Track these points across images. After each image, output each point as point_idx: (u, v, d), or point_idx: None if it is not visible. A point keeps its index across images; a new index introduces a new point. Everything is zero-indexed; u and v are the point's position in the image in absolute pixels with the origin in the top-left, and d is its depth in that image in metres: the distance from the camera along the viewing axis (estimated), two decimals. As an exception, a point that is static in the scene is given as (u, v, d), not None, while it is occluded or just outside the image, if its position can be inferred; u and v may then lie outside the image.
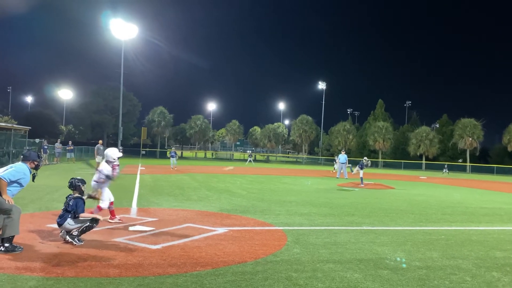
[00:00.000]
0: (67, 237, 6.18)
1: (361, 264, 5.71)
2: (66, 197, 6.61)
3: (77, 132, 69.80)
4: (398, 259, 6.06)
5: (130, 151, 57.03)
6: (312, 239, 7.22)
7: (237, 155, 76.13)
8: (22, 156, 6.20)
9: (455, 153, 58.52)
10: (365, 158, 22.95)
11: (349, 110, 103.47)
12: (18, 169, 5.89)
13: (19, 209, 5.81)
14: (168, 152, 58.35)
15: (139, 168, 27.82)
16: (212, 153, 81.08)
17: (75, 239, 6.16)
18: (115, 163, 8.45)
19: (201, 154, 75.40)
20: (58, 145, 32.00)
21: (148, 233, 7.12)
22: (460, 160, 53.96)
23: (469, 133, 53.97)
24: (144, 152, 57.42)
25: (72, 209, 6.32)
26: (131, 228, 7.44)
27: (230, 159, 67.31)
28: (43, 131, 50.34)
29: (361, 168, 21.00)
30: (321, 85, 70.00)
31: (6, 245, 5.57)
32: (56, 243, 6.12)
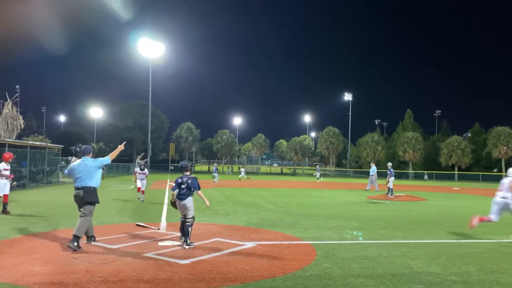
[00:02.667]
0: (184, 245, 7.16)
1: (394, 279, 5.55)
2: (177, 178, 7.57)
3: (107, 149, 71.60)
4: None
5: (159, 166, 58.05)
6: (342, 253, 7.08)
7: (263, 168, 76.11)
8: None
9: (489, 162, 56.54)
10: (389, 164, 22.74)
11: (377, 121, 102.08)
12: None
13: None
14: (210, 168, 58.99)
15: (168, 183, 28.19)
16: (239, 167, 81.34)
17: (189, 242, 7.18)
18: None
19: (226, 168, 75.75)
20: None
21: (177, 248, 7.16)
22: (495, 170, 52.06)
23: (503, 141, 52.16)
24: (172, 167, 58.23)
25: (194, 186, 7.37)
26: (160, 243, 7.51)
27: (256, 173, 67.33)
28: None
29: (392, 176, 20.67)
30: (347, 97, 69.50)
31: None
32: (89, 259, 6.24)
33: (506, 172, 9.06)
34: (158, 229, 9.19)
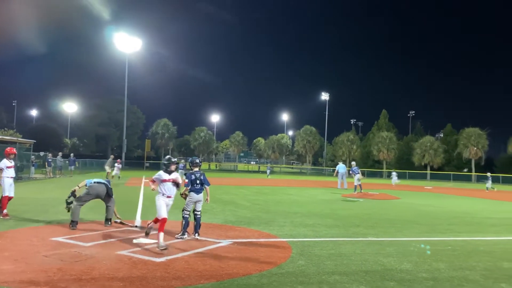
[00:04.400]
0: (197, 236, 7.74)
1: (367, 275, 5.65)
2: (189, 174, 7.87)
3: (81, 145, 70.17)
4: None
5: (134, 163, 57.08)
6: (317, 250, 7.16)
7: (241, 166, 76.10)
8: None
9: (460, 162, 58.15)
10: (353, 162, 23.58)
11: (352, 121, 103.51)
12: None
13: None
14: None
15: (143, 180, 27.81)
16: (216, 165, 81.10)
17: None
18: None
19: (205, 165, 75.37)
20: (59, 158, 32.12)
21: (152, 245, 7.09)
22: (465, 170, 53.63)
23: (474, 142, 53.68)
24: (148, 164, 57.46)
25: (206, 182, 7.87)
26: (135, 241, 7.42)
27: (234, 171, 67.28)
28: (47, 145, 50.59)
29: (356, 174, 21.45)
30: (324, 96, 70.16)
31: None
32: (60, 257, 6.10)
33: (476, 172, 9.35)
34: (136, 226, 9.08)
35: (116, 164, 24.98)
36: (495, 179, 50.42)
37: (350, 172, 22.49)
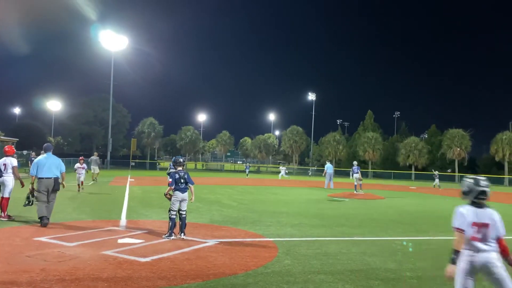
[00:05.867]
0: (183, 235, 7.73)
1: (352, 275, 5.70)
2: (172, 174, 7.89)
3: (65, 143, 69.14)
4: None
5: (120, 162, 56.46)
6: (303, 250, 7.20)
7: (227, 166, 75.95)
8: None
9: (444, 163, 59.06)
10: (354, 162, 24.04)
11: (338, 121, 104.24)
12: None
13: None
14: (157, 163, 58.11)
15: (129, 179, 27.58)
16: (203, 164, 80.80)
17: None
18: None
19: (191, 165, 75.05)
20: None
21: (137, 245, 7.03)
22: (449, 170, 54.47)
23: (457, 143, 54.57)
24: (133, 164, 56.91)
25: (190, 181, 7.91)
26: (120, 241, 7.35)
27: (220, 170, 67.13)
28: (31, 143, 49.74)
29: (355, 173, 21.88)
30: (311, 96, 70.46)
31: None
32: (43, 257, 6.01)
33: (459, 172, 9.52)
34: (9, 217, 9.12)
35: (78, 165, 18.77)
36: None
37: (352, 172, 23.08)
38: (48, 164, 9.09)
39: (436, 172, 34.23)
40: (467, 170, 58.00)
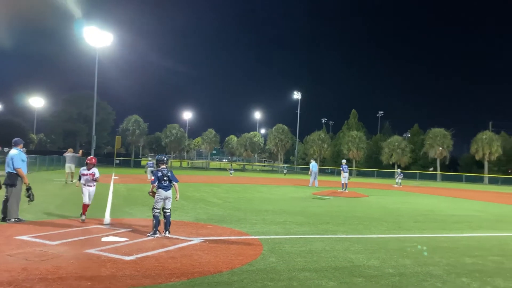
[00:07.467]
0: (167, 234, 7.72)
1: (336, 272, 5.77)
2: (155, 171, 7.91)
3: (48, 141, 68.04)
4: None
5: (104, 160, 55.81)
6: (288, 247, 7.25)
7: (213, 164, 75.72)
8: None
9: (426, 162, 60.07)
10: (343, 160, 24.40)
11: (323, 120, 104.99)
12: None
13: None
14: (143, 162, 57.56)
15: (113, 177, 27.29)
16: (188, 162, 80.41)
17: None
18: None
19: (176, 163, 74.64)
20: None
21: (121, 244, 6.98)
22: (430, 169, 55.36)
23: (439, 142, 55.53)
24: (118, 161, 56.38)
25: (173, 179, 7.93)
26: (104, 239, 7.29)
27: (206, 168, 66.92)
28: (12, 140, 48.76)
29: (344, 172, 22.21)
30: (297, 95, 70.72)
31: None
32: (25, 256, 5.93)
33: (441, 171, 9.73)
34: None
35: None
36: (459, 178, 52.41)
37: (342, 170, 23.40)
38: (7, 159, 9.28)
39: (399, 170, 35.24)
40: (448, 169, 59.16)
